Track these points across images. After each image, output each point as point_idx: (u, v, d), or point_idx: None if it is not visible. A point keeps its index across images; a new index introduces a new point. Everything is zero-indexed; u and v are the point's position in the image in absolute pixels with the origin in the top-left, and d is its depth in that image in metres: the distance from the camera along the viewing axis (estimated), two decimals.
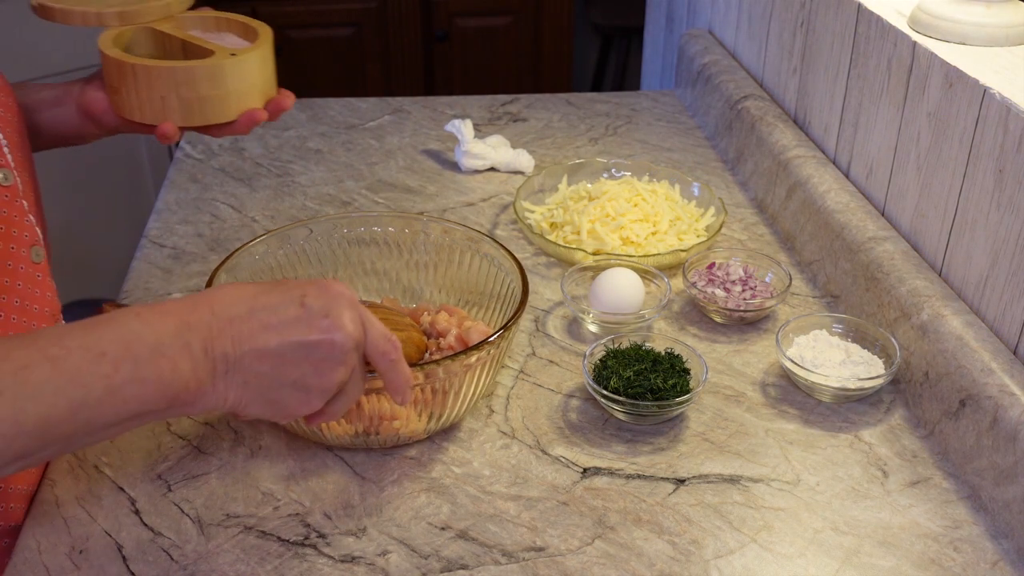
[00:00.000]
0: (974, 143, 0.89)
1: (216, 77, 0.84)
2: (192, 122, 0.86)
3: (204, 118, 0.86)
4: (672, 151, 1.46)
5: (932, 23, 0.97)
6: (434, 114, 1.57)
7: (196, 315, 0.60)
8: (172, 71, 0.83)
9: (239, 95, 0.86)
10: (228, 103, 0.86)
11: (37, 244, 0.81)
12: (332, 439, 0.84)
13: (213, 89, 0.85)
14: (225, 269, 0.90)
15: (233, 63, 0.85)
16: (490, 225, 1.25)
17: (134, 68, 0.83)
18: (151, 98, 0.84)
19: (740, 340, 1.03)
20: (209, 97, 0.85)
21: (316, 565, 0.76)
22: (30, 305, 0.79)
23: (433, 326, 0.91)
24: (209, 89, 0.85)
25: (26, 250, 0.79)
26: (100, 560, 0.76)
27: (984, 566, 0.77)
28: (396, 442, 0.85)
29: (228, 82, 0.85)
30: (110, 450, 0.87)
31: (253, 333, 0.61)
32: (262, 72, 0.88)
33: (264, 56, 0.89)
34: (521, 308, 0.85)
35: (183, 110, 0.85)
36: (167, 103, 0.84)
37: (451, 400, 0.83)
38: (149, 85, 0.83)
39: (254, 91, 0.88)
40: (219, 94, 0.85)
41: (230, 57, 0.85)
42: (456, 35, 2.76)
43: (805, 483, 0.84)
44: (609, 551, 0.77)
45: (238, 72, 0.85)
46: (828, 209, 1.10)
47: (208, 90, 0.85)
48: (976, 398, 0.82)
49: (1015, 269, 0.84)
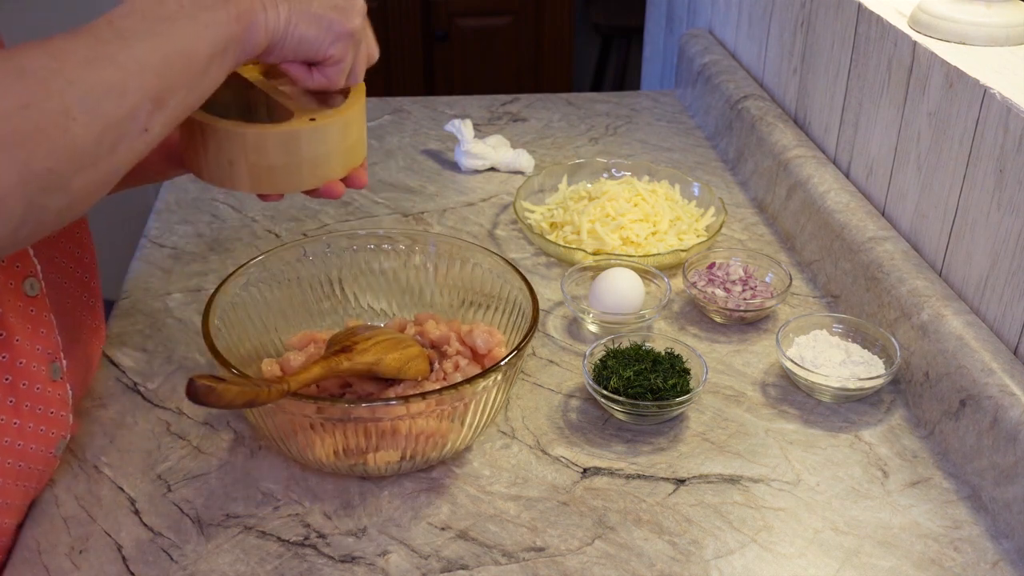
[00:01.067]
0: (974, 143, 0.89)
1: (289, 145, 0.74)
2: (261, 190, 0.76)
3: (273, 187, 0.76)
4: (672, 151, 1.46)
5: (932, 23, 0.97)
6: (434, 114, 1.57)
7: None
8: (241, 136, 0.73)
9: (313, 165, 0.76)
10: (302, 173, 0.76)
11: (32, 276, 0.77)
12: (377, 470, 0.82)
13: (285, 158, 0.74)
14: (235, 277, 0.90)
15: (311, 131, 0.74)
16: (490, 225, 1.25)
17: (202, 127, 0.73)
18: (219, 161, 0.74)
19: (740, 340, 1.03)
20: (280, 166, 0.75)
21: (316, 565, 0.76)
22: (22, 341, 0.75)
23: (425, 336, 0.91)
24: (280, 158, 0.74)
25: (16, 282, 0.76)
26: (100, 560, 0.76)
27: (984, 566, 0.77)
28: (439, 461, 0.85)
29: (302, 151, 0.74)
30: (110, 450, 0.87)
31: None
32: (343, 139, 0.77)
33: (348, 121, 0.77)
34: (531, 330, 0.84)
35: (251, 177, 0.75)
36: (235, 168, 0.74)
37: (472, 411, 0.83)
38: (217, 147, 0.74)
39: (332, 159, 0.77)
40: (292, 163, 0.75)
41: (307, 123, 0.74)
42: (456, 35, 2.76)
43: (805, 483, 0.84)
44: (609, 551, 0.77)
45: (315, 140, 0.75)
46: (828, 209, 1.10)
47: (279, 159, 0.74)
48: (976, 398, 0.82)
49: (1015, 269, 0.84)
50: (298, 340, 0.93)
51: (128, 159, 0.60)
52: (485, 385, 0.79)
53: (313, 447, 0.79)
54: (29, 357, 0.76)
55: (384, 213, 1.28)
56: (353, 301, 1.00)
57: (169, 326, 1.04)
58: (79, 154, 0.56)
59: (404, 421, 0.78)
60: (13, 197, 0.53)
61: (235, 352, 0.87)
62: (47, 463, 0.80)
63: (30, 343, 0.76)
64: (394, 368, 0.84)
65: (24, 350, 0.76)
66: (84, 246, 0.87)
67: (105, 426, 0.90)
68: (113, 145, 0.58)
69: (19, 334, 0.75)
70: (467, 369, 0.88)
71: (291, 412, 0.77)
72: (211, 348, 0.80)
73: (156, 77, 0.60)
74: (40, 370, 0.77)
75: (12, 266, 0.75)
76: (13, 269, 0.75)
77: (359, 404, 0.76)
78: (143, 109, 0.59)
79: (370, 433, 0.78)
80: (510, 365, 0.80)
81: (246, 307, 0.91)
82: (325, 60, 0.72)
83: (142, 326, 1.04)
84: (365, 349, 0.83)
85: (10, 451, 0.75)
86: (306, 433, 0.79)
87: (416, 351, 0.87)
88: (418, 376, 0.86)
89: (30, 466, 0.78)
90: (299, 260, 0.96)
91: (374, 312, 1.00)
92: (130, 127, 0.59)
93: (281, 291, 0.95)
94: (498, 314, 0.95)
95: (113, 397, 0.93)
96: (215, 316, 0.86)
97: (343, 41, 0.71)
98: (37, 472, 0.79)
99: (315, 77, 0.73)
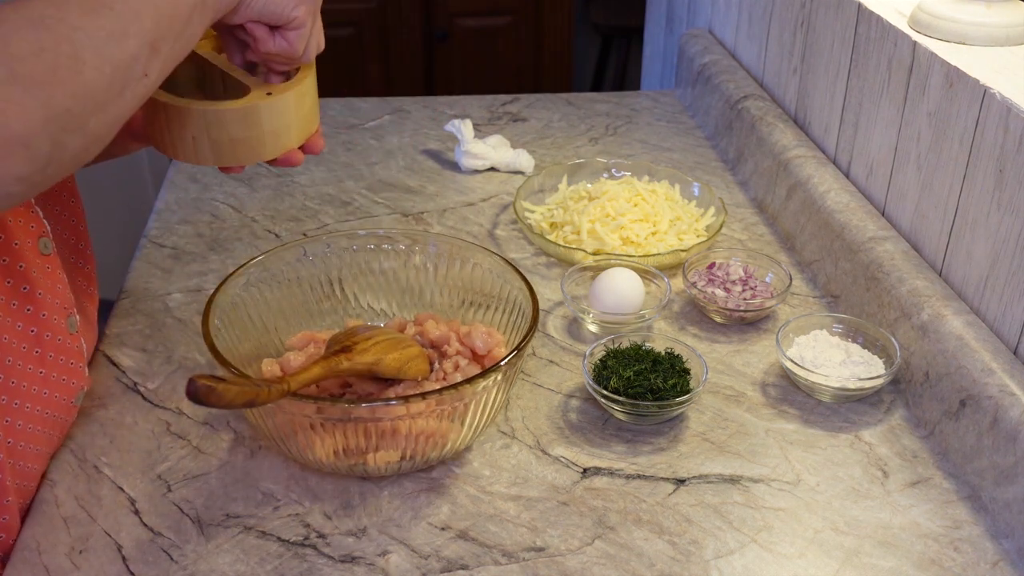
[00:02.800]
0: (974, 143, 0.89)
1: (249, 119, 0.78)
2: (224, 163, 0.80)
3: (236, 159, 0.80)
4: (672, 151, 1.46)
5: (932, 23, 0.97)
6: (434, 114, 1.57)
7: None
8: (202, 113, 0.77)
9: (274, 136, 0.80)
10: (263, 145, 0.80)
11: (45, 236, 0.82)
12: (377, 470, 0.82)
13: (246, 131, 0.78)
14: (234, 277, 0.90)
15: (268, 105, 0.78)
16: (490, 225, 1.25)
17: (165, 107, 0.77)
18: (182, 137, 0.78)
19: (740, 340, 1.03)
20: (242, 139, 0.78)
21: (316, 565, 0.76)
22: (44, 295, 0.80)
23: (425, 336, 0.91)
24: (241, 131, 0.78)
25: (32, 241, 0.80)
26: (100, 560, 0.76)
27: (984, 566, 0.77)
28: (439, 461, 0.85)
29: (262, 123, 0.78)
30: (110, 450, 0.87)
31: None
32: (299, 110, 0.81)
33: (302, 92, 0.81)
34: (531, 330, 0.84)
35: (214, 151, 0.79)
36: (198, 144, 0.78)
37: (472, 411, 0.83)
38: (180, 124, 0.78)
39: (291, 131, 0.81)
40: (252, 136, 0.79)
41: (265, 98, 0.78)
42: (456, 35, 2.76)
43: (805, 483, 0.84)
44: (609, 551, 0.77)
45: (273, 113, 0.78)
46: (828, 209, 1.10)
47: (240, 132, 0.78)
48: (976, 398, 0.82)
49: (1015, 269, 0.84)
50: (298, 340, 0.93)
51: (132, 104, 0.64)
52: (485, 385, 0.79)
53: (313, 447, 0.79)
54: (50, 310, 0.81)
55: (384, 213, 1.28)
56: (353, 301, 1.00)
57: (169, 326, 1.04)
58: (93, 95, 0.60)
59: (404, 421, 0.78)
60: (40, 136, 0.57)
61: (235, 352, 0.87)
62: (67, 412, 0.85)
63: (51, 297, 0.81)
64: (394, 368, 0.84)
65: (46, 304, 0.81)
66: (77, 215, 0.92)
67: (105, 426, 0.90)
68: (121, 88, 0.62)
69: (40, 288, 0.80)
70: (467, 369, 0.88)
71: (291, 412, 0.77)
72: (211, 348, 0.80)
73: (151, 23, 0.63)
74: (60, 323, 0.82)
75: (28, 226, 0.80)
76: (28, 229, 0.80)
77: (359, 404, 0.76)
78: (143, 53, 0.63)
79: (370, 433, 0.78)
80: (510, 365, 0.80)
81: (246, 307, 0.91)
82: (288, 23, 0.75)
83: (142, 326, 1.04)
84: (365, 349, 0.83)
85: (38, 399, 0.80)
86: (306, 433, 0.79)
87: (416, 351, 0.87)
88: (418, 376, 0.86)
89: (54, 414, 0.83)
90: (299, 260, 0.96)
91: (374, 312, 1.00)
92: (134, 70, 0.62)
93: (281, 291, 0.95)
94: (498, 314, 0.95)
95: (113, 397, 0.93)
96: (215, 316, 0.86)
97: (306, 5, 0.75)
98: (60, 421, 0.84)
99: (276, 41, 0.76)
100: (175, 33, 0.65)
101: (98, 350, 1.00)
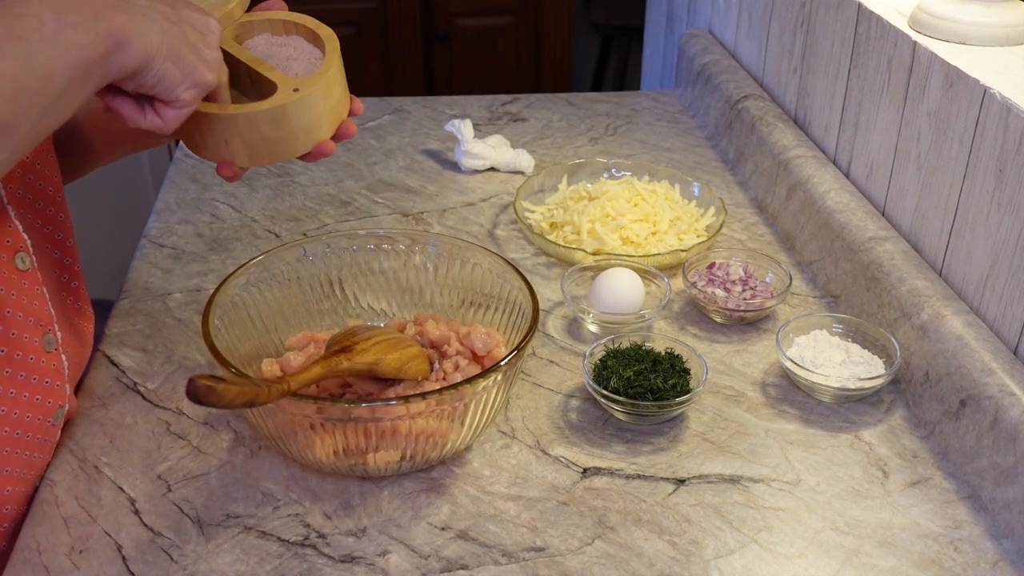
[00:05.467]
0: (974, 143, 0.89)
1: (279, 119, 0.77)
2: (260, 162, 0.80)
3: (271, 158, 0.79)
4: (672, 151, 1.46)
5: (932, 23, 0.97)
6: (434, 114, 1.57)
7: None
8: (232, 118, 0.76)
9: (305, 132, 0.79)
10: (295, 141, 0.79)
11: (23, 250, 0.79)
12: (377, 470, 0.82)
13: (277, 131, 0.77)
14: (235, 277, 0.90)
15: (296, 103, 0.77)
16: (490, 225, 1.25)
17: (195, 112, 0.75)
18: (215, 141, 0.77)
19: (740, 340, 1.03)
20: (274, 138, 0.78)
21: (316, 565, 0.76)
22: (13, 312, 0.77)
23: (425, 336, 0.91)
24: (273, 131, 0.77)
25: (8, 256, 0.78)
26: (100, 560, 0.76)
27: (984, 566, 0.77)
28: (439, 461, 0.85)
29: (293, 122, 0.78)
30: (110, 450, 0.87)
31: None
32: (327, 100, 0.80)
33: (330, 82, 0.80)
34: (531, 330, 0.84)
35: (249, 152, 0.78)
36: (231, 147, 0.78)
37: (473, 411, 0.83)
38: (211, 129, 0.77)
39: (322, 123, 0.80)
40: (285, 135, 0.78)
41: (292, 95, 0.77)
42: (456, 35, 2.76)
43: (805, 483, 0.84)
44: (609, 551, 0.77)
45: (302, 109, 0.78)
46: (828, 209, 1.10)
47: (272, 132, 0.77)
48: (976, 398, 0.82)
49: (1015, 269, 0.84)
50: (298, 340, 0.93)
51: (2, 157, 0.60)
52: (485, 385, 0.79)
53: (313, 447, 0.79)
54: (21, 328, 0.78)
55: (384, 213, 1.28)
56: (353, 301, 1.00)
57: (169, 326, 1.04)
58: None
59: (404, 421, 0.78)
60: None
61: (235, 352, 0.87)
62: (45, 432, 0.82)
63: (23, 315, 0.78)
64: (394, 368, 0.84)
65: (16, 322, 0.78)
66: (64, 230, 0.89)
67: (105, 426, 0.90)
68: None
69: (10, 306, 0.77)
70: (467, 369, 0.88)
71: (291, 412, 0.77)
72: (211, 348, 0.80)
73: (4, 102, 0.59)
74: (33, 341, 0.79)
75: (3, 240, 0.78)
76: (4, 243, 0.78)
77: (359, 404, 0.76)
78: None
79: (370, 433, 0.78)
80: (510, 365, 0.80)
81: (246, 307, 0.91)
82: (172, 102, 0.71)
83: (142, 326, 1.04)
84: (365, 349, 0.83)
85: (7, 420, 0.78)
86: (306, 433, 0.79)
87: (416, 351, 0.87)
88: (418, 376, 0.86)
89: (27, 434, 0.80)
90: (299, 260, 0.96)
91: (374, 312, 1.00)
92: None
93: (281, 291, 0.95)
94: (498, 314, 0.95)
95: (113, 397, 0.93)
96: (215, 316, 0.86)
97: (196, 89, 0.71)
98: (37, 441, 0.81)
99: (148, 117, 0.72)
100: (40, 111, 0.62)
101: (98, 350, 1.00)
